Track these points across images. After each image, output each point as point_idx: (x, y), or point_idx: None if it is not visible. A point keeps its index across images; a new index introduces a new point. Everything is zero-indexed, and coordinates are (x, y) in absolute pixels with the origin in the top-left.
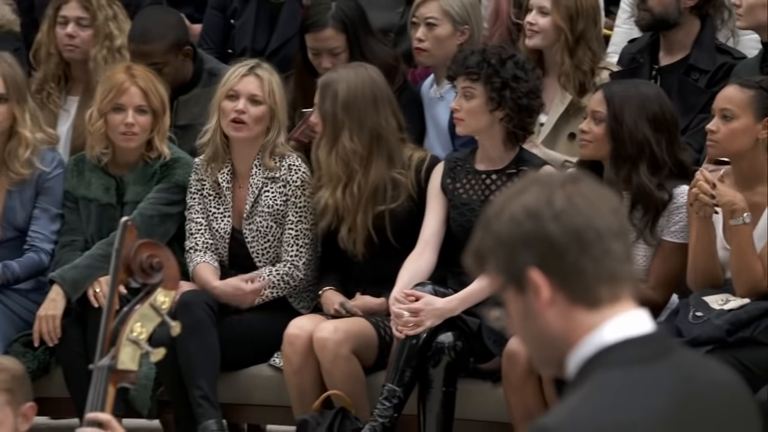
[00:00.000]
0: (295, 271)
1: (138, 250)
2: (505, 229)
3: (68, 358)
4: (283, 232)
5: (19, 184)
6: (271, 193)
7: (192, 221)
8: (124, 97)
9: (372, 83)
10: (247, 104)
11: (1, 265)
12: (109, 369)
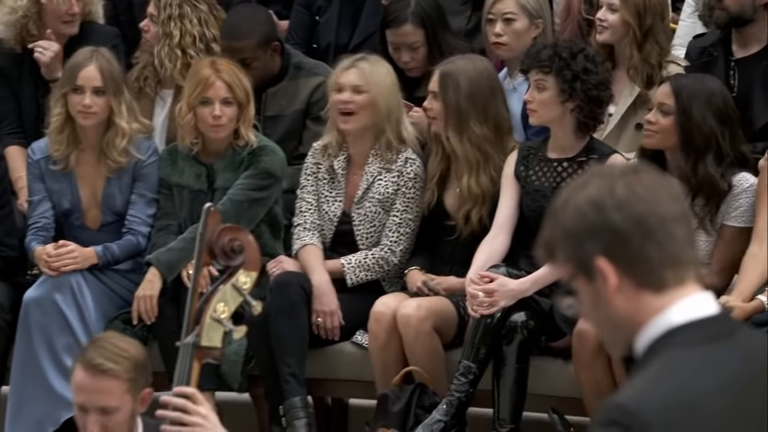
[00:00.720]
0: (391, 257)
1: (220, 234)
2: (571, 220)
3: (164, 335)
4: (387, 219)
5: (117, 171)
6: (384, 182)
7: (303, 200)
8: (211, 91)
9: (489, 74)
10: (352, 95)
11: (102, 247)
12: (194, 346)
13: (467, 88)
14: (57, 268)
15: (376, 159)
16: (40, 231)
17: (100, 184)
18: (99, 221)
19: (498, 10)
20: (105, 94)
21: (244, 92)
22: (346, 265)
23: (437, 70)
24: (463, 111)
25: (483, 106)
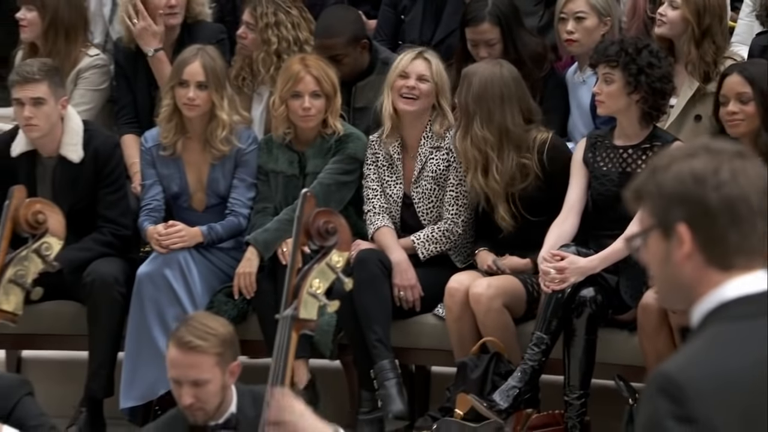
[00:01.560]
0: (455, 228)
1: (316, 217)
2: (669, 182)
3: (262, 307)
4: (444, 194)
5: (220, 158)
6: (436, 160)
7: (369, 188)
8: (301, 85)
9: (501, 81)
10: (417, 82)
11: (207, 227)
12: (292, 318)
13: (476, 91)
14: (166, 245)
15: (427, 141)
16: (152, 212)
17: (205, 169)
18: (204, 204)
19: (570, 9)
20: (207, 88)
21: (331, 85)
22: (416, 241)
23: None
24: (470, 111)
25: (488, 110)
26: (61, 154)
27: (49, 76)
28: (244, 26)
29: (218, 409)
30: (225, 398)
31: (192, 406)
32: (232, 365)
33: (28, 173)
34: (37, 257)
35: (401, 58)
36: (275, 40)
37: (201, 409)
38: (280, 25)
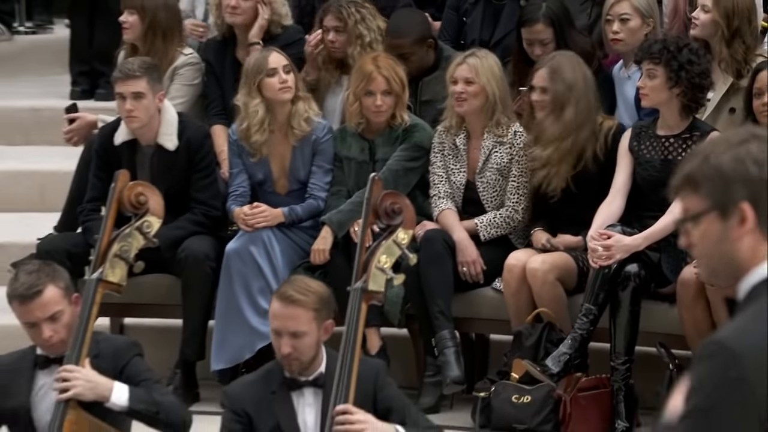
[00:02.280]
0: (515, 215)
1: (383, 198)
2: (728, 165)
3: (336, 281)
4: (506, 184)
5: (302, 140)
6: (500, 153)
7: (435, 174)
8: (373, 85)
9: (584, 73)
10: (464, 86)
11: (288, 209)
12: (362, 290)
13: (569, 81)
14: (252, 225)
15: (490, 134)
16: (239, 197)
17: (287, 158)
18: (287, 189)
19: (615, 12)
20: (293, 72)
21: (400, 84)
22: (479, 224)
23: (545, 66)
24: (564, 98)
25: (578, 95)
26: (158, 142)
27: (147, 73)
28: (333, 32)
29: (311, 363)
30: (318, 355)
31: (289, 356)
32: (327, 323)
33: (129, 160)
34: (139, 234)
35: (451, 65)
36: (366, 33)
37: (297, 359)
38: (365, 19)
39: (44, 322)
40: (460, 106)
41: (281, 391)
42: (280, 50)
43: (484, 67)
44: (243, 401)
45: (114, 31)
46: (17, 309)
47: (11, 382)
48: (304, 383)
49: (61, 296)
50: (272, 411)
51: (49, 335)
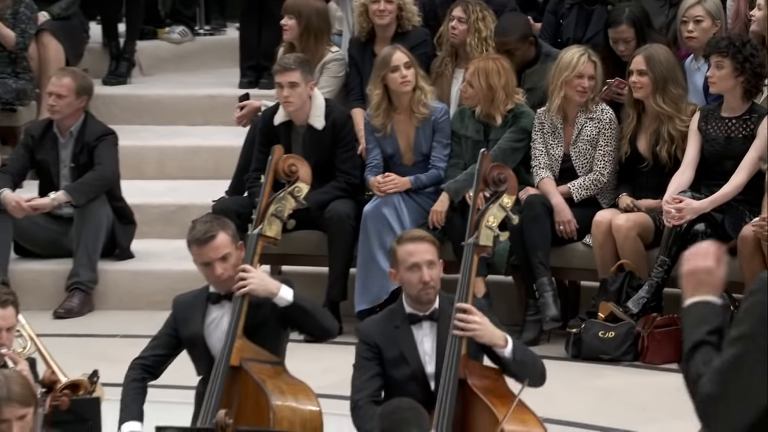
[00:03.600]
0: (602, 177)
1: (491, 169)
2: None
3: (453, 237)
4: (595, 152)
5: (423, 121)
6: (589, 128)
7: (536, 149)
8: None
9: (674, 60)
10: (588, 81)
11: (414, 177)
12: (474, 245)
13: (666, 65)
14: (384, 191)
15: (582, 114)
16: (374, 168)
17: (411, 136)
18: (412, 161)
19: (691, 14)
20: (413, 67)
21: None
22: (572, 188)
23: (640, 55)
24: (664, 79)
25: (673, 77)
26: (309, 123)
27: (301, 67)
28: (456, 20)
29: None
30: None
31: (428, 284)
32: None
33: (286, 137)
34: (291, 198)
35: (576, 61)
36: (483, 29)
37: (434, 288)
38: (485, 18)
39: (216, 262)
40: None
41: (404, 325)
42: (404, 48)
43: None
44: (373, 335)
45: (276, 33)
46: (195, 251)
47: (189, 315)
48: (422, 317)
49: (230, 241)
50: (396, 341)
51: (220, 272)
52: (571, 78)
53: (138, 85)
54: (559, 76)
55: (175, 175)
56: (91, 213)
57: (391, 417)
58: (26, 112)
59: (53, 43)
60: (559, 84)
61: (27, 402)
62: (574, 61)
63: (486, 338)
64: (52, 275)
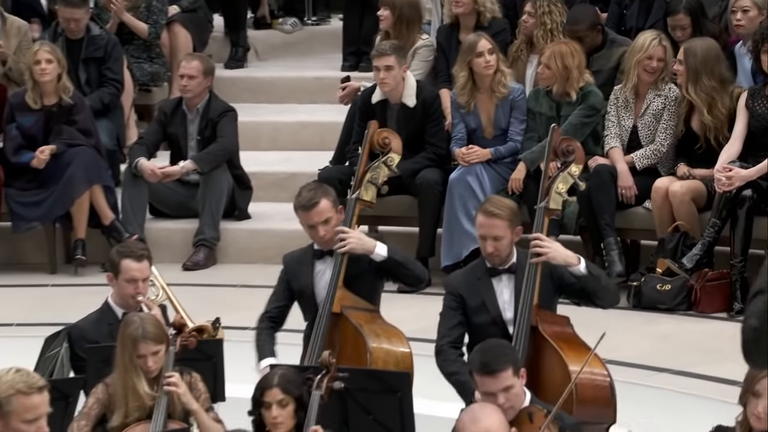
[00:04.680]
0: (661, 148)
1: (560, 142)
2: None
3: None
4: (658, 125)
5: (501, 99)
6: (656, 103)
7: (609, 121)
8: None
9: (713, 51)
10: (657, 62)
11: (494, 149)
12: (545, 209)
13: (701, 57)
14: (468, 161)
15: (652, 90)
16: (458, 140)
17: (492, 112)
18: (492, 134)
19: (739, 5)
20: (495, 53)
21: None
22: (635, 157)
23: (683, 46)
24: (698, 70)
25: (711, 68)
26: (402, 101)
27: (396, 52)
28: (526, 15)
29: (507, 257)
30: (511, 251)
31: (492, 254)
32: (517, 228)
33: (382, 113)
34: (385, 167)
35: (647, 44)
36: (549, 22)
37: (498, 256)
38: (551, 12)
39: (319, 225)
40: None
41: (485, 277)
42: (488, 36)
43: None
44: (457, 286)
45: (374, 23)
46: (301, 216)
47: (298, 269)
48: (501, 271)
49: (331, 206)
50: (478, 291)
51: (323, 234)
52: (642, 59)
53: (255, 69)
54: (633, 56)
55: (286, 147)
56: (214, 179)
57: (489, 351)
58: (159, 92)
59: (182, 32)
60: (633, 64)
61: (159, 340)
62: (646, 44)
63: (560, 259)
64: (181, 233)
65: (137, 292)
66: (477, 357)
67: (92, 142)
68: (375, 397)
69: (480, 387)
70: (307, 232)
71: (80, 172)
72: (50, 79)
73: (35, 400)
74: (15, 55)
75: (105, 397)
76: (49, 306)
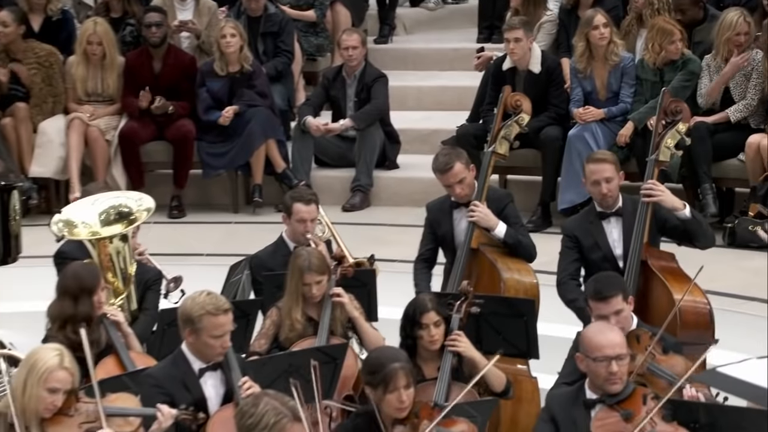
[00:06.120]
0: (752, 102)
1: (669, 103)
2: None
3: (637, 153)
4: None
5: (614, 66)
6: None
7: (702, 84)
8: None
9: None
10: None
11: (607, 109)
12: (655, 161)
13: None
14: (584, 119)
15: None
16: (576, 102)
17: (605, 77)
18: (605, 97)
19: None
20: (609, 26)
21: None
22: (730, 112)
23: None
24: None
25: None
26: (528, 68)
27: (523, 26)
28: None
29: (616, 200)
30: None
31: (607, 194)
32: (620, 173)
33: (511, 79)
34: (516, 125)
35: (734, 22)
36: (656, 2)
37: (611, 196)
38: None
39: (455, 184)
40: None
41: (596, 220)
42: (603, 12)
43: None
44: (573, 229)
45: (506, 1)
46: (438, 177)
47: (439, 217)
48: (610, 214)
49: (464, 168)
50: (590, 233)
51: (459, 191)
52: (731, 36)
53: (403, 42)
54: (722, 34)
55: (429, 108)
56: (368, 134)
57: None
58: (323, 61)
59: (343, 10)
60: (722, 41)
61: (322, 271)
62: (733, 23)
63: (668, 203)
64: (341, 180)
65: (306, 230)
66: (591, 285)
67: (268, 103)
68: (505, 320)
69: (594, 311)
70: (445, 190)
71: (258, 128)
72: (234, 50)
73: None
74: (206, 30)
75: (278, 319)
76: (232, 240)
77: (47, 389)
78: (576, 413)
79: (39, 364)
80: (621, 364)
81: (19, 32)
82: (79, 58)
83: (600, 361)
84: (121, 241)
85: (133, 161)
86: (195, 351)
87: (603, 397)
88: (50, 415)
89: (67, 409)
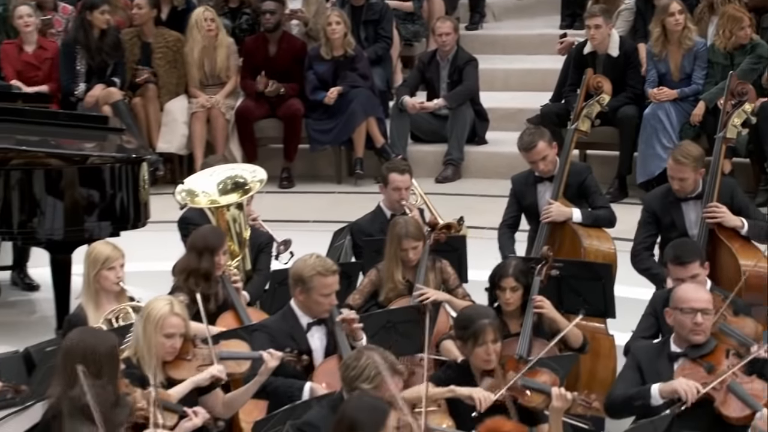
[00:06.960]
0: None
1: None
2: None
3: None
4: None
5: (687, 50)
6: None
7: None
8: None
9: None
10: None
11: (680, 90)
12: (723, 138)
13: None
14: (659, 99)
15: None
16: (651, 83)
17: (679, 60)
18: (679, 78)
19: None
20: (684, 13)
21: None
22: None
23: None
24: None
25: None
26: (608, 52)
27: (603, 14)
28: None
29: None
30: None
31: (678, 190)
32: (700, 170)
33: (591, 62)
34: (597, 104)
35: None
36: None
37: (682, 191)
38: None
39: (539, 161)
40: None
41: (675, 202)
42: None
43: None
44: (653, 204)
45: None
46: (523, 155)
47: (524, 189)
48: (687, 198)
49: (547, 146)
50: (669, 212)
51: (543, 167)
52: None
53: (492, 28)
54: None
55: (516, 89)
56: (460, 113)
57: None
58: (419, 46)
59: (438, 0)
60: None
61: (417, 237)
62: None
63: (729, 223)
64: (434, 154)
65: (401, 197)
66: (671, 251)
67: (369, 84)
68: (584, 283)
69: (673, 275)
70: (530, 166)
71: (359, 107)
72: (339, 36)
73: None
74: (314, 18)
75: (377, 279)
76: (336, 208)
77: (164, 335)
78: (660, 364)
79: (153, 313)
80: (706, 317)
81: (152, 15)
82: (193, 44)
83: (687, 313)
84: (237, 209)
85: (248, 137)
86: (304, 307)
87: (687, 351)
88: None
89: (185, 353)
